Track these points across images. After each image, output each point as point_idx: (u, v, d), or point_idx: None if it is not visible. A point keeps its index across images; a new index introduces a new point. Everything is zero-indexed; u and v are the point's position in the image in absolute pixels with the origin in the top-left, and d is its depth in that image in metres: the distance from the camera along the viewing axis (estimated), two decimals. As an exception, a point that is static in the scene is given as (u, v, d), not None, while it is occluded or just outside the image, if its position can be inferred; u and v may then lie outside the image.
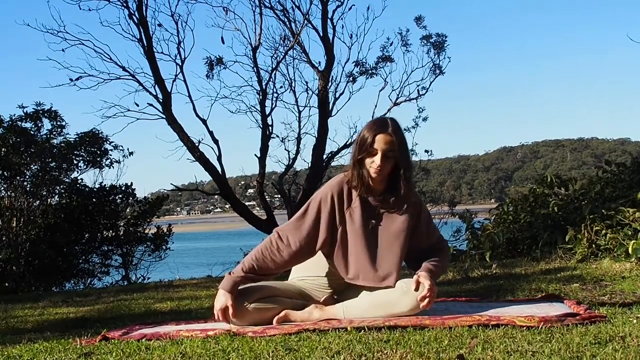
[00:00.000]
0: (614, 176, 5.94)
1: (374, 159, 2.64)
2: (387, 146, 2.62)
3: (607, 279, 3.63)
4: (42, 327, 3.36)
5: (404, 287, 2.63)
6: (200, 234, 55.32)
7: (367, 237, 2.70)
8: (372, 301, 2.66)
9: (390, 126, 2.65)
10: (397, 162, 2.66)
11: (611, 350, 1.89)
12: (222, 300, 2.63)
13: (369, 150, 2.63)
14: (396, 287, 2.65)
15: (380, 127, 2.64)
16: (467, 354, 1.93)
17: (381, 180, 2.70)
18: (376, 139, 2.62)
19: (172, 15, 9.16)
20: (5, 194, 8.91)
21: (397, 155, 2.64)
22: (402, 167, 2.68)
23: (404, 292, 2.61)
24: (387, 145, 2.62)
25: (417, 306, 2.59)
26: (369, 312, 2.64)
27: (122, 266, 9.91)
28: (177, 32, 9.21)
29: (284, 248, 2.69)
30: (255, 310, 2.67)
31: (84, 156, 9.98)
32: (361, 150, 2.65)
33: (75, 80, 8.95)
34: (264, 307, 2.68)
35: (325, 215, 2.70)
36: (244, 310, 2.65)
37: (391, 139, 2.62)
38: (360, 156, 2.65)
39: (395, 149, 2.63)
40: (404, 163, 2.68)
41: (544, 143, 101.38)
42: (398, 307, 2.61)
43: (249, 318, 2.66)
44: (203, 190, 12.85)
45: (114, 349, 2.35)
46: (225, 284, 2.65)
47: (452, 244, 9.25)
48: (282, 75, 10.69)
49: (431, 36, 10.85)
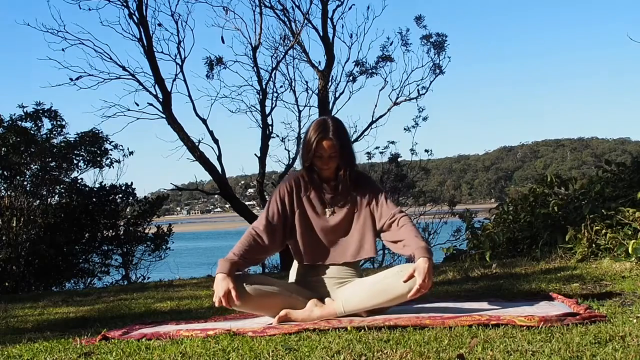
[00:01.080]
0: (614, 176, 5.94)
1: (318, 162, 2.85)
2: (329, 150, 2.82)
3: (607, 278, 3.63)
4: (42, 326, 3.36)
5: (400, 272, 2.64)
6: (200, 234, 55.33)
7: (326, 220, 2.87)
8: (371, 290, 2.69)
9: (331, 129, 2.83)
10: (339, 163, 2.86)
11: (611, 350, 1.89)
12: (223, 285, 2.60)
13: (314, 154, 2.83)
14: (392, 272, 2.71)
15: (322, 132, 2.83)
16: (467, 353, 1.93)
17: (331, 173, 2.90)
18: (319, 146, 2.81)
19: (172, 14, 9.17)
20: (5, 193, 8.90)
21: (339, 156, 2.84)
22: (343, 167, 2.88)
23: (400, 276, 2.62)
24: (329, 149, 2.82)
25: (416, 289, 2.59)
26: (369, 301, 2.66)
27: (122, 266, 9.90)
28: (177, 32, 9.22)
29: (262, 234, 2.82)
30: (256, 294, 2.67)
31: (84, 156, 9.97)
32: (307, 157, 2.85)
33: (75, 79, 8.95)
34: (265, 291, 2.70)
35: (286, 199, 2.89)
36: (244, 293, 2.64)
37: (331, 144, 2.81)
38: (307, 163, 2.87)
39: (337, 151, 2.83)
40: (345, 163, 2.87)
41: (544, 143, 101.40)
42: (396, 290, 2.63)
43: (252, 303, 2.67)
44: (203, 190, 12.85)
45: (114, 348, 2.36)
46: (221, 267, 2.64)
47: (452, 244, 9.29)
48: (282, 75, 10.72)
49: (431, 36, 10.86)
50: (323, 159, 2.84)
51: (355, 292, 2.71)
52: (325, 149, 2.81)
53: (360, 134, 10.62)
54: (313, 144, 2.81)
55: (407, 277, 2.60)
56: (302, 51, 10.16)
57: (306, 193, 2.90)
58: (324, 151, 2.82)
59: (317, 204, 2.90)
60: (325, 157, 2.83)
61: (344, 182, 2.88)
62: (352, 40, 10.29)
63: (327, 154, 2.83)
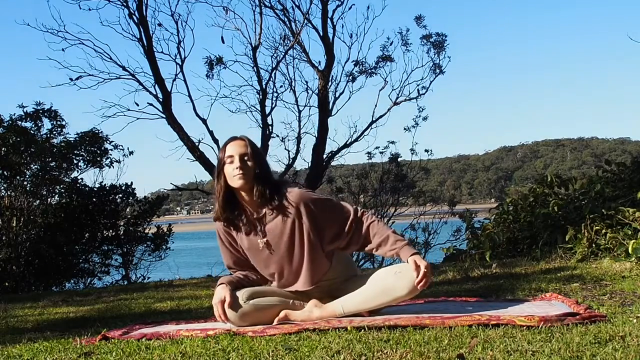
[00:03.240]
0: (614, 176, 5.94)
1: (232, 166, 2.69)
2: (242, 149, 2.71)
3: (607, 278, 3.63)
4: (42, 326, 3.36)
5: (397, 272, 2.64)
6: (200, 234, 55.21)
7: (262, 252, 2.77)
8: (369, 291, 2.68)
9: (240, 136, 2.78)
10: (255, 165, 2.70)
11: (611, 350, 1.89)
12: (221, 292, 2.72)
13: (225, 160, 2.71)
14: (389, 273, 2.68)
15: (230, 139, 2.77)
16: (467, 353, 1.93)
17: (249, 192, 2.70)
18: (228, 148, 2.73)
19: (172, 14, 9.14)
20: (5, 193, 8.90)
21: (253, 158, 2.70)
22: (260, 170, 2.71)
23: (399, 277, 2.62)
24: (240, 148, 2.72)
25: (414, 288, 2.60)
26: (368, 303, 2.65)
27: (122, 266, 9.90)
28: (177, 32, 9.18)
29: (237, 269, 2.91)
30: (255, 308, 2.68)
31: (84, 156, 9.97)
32: (220, 166, 2.73)
33: (75, 79, 8.93)
34: (262, 305, 2.70)
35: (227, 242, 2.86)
36: (244, 308, 2.67)
37: (244, 143, 2.74)
38: (219, 170, 2.73)
39: (249, 152, 2.71)
40: (261, 166, 2.72)
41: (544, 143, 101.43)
42: (396, 291, 2.62)
43: (249, 317, 2.67)
44: (203, 189, 12.83)
45: (114, 348, 2.36)
46: (222, 279, 2.82)
47: (452, 244, 9.29)
48: (282, 75, 10.69)
49: (431, 35, 10.84)
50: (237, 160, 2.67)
51: (354, 294, 2.71)
52: (237, 148, 2.70)
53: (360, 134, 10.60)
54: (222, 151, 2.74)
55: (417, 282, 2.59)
56: (302, 51, 10.16)
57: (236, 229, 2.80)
58: (237, 149, 2.70)
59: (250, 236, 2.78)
60: (239, 158, 2.68)
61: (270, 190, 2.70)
62: (352, 40, 10.27)
63: (241, 153, 2.68)
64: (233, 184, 2.70)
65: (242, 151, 2.71)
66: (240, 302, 2.68)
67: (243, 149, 2.71)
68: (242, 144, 2.73)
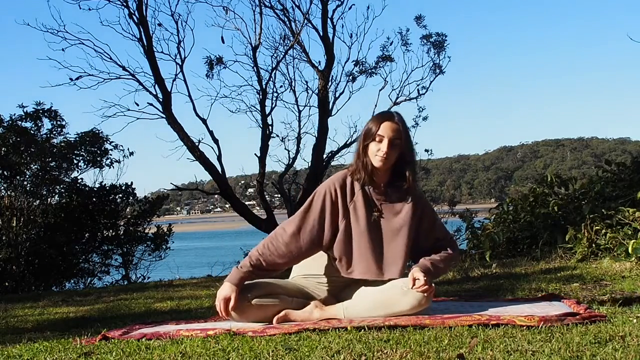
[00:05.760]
0: (614, 176, 5.94)
1: (380, 146, 2.66)
2: (394, 134, 2.66)
3: (607, 278, 3.63)
4: (42, 326, 3.36)
5: (403, 287, 2.63)
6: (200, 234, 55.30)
7: (371, 230, 2.70)
8: (373, 301, 2.65)
9: (396, 116, 2.71)
10: (403, 152, 2.69)
11: (611, 350, 1.89)
12: (227, 291, 2.63)
13: (374, 137, 2.65)
14: (396, 287, 2.64)
15: (386, 116, 2.69)
16: (467, 353, 1.93)
17: (385, 172, 2.72)
18: (382, 126, 2.66)
19: (172, 14, 9.15)
20: (5, 193, 8.90)
21: (403, 144, 2.67)
22: (407, 158, 2.71)
23: (404, 292, 2.61)
24: (393, 132, 2.66)
25: (417, 305, 2.59)
26: (369, 312, 2.63)
27: (122, 266, 9.91)
28: (177, 32, 9.19)
29: (290, 242, 2.69)
30: (257, 306, 2.67)
31: (84, 156, 9.99)
32: (367, 138, 2.67)
33: (75, 79, 8.93)
34: (266, 304, 2.69)
35: (329, 208, 2.70)
36: (245, 304, 2.65)
37: (397, 127, 2.66)
38: (366, 143, 2.67)
39: (402, 137, 2.66)
40: (409, 155, 2.72)
41: (544, 142, 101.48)
42: (398, 306, 2.60)
43: (250, 314, 2.67)
44: (203, 189, 12.84)
45: (114, 348, 2.35)
46: (232, 277, 2.66)
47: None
48: (282, 75, 10.68)
49: (431, 35, 10.84)
50: (385, 144, 2.62)
51: (357, 302, 2.69)
52: (390, 131, 2.64)
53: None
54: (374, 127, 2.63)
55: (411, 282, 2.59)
56: (302, 51, 10.15)
57: (352, 198, 2.70)
58: (389, 133, 2.63)
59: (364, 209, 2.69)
60: (388, 142, 2.62)
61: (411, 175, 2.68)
62: (352, 40, 10.27)
63: (392, 137, 2.63)
64: (372, 161, 2.68)
65: (394, 136, 2.65)
66: (245, 302, 2.65)
67: (396, 134, 2.65)
68: (396, 128, 2.66)
